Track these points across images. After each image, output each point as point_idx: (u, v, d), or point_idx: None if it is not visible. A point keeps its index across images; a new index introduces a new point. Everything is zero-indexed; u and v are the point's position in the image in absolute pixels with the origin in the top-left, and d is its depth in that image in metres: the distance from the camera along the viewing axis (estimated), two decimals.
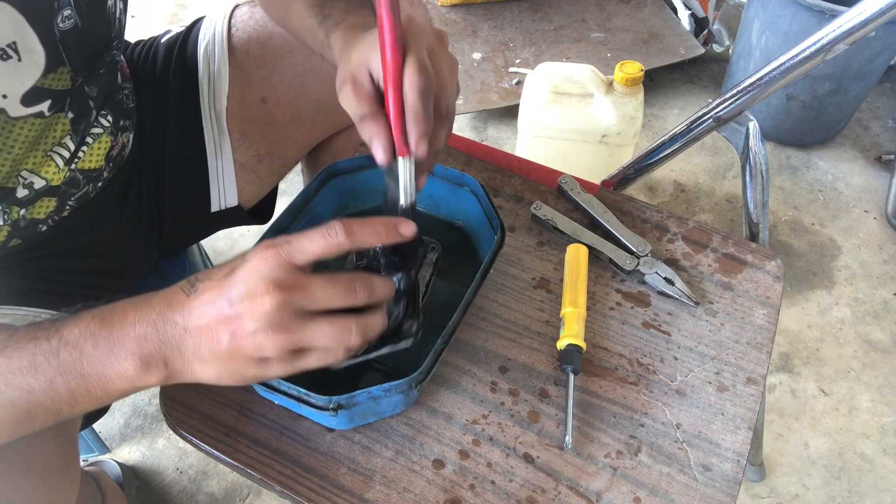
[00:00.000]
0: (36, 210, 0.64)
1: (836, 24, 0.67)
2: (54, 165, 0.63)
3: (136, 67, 0.80)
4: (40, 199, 0.64)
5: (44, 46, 0.55)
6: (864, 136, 1.70)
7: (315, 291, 0.44)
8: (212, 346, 0.43)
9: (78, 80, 0.61)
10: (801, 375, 1.25)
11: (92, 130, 0.66)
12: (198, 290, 0.44)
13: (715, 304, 0.67)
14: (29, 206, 0.63)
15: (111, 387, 0.45)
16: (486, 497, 0.54)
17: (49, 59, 0.56)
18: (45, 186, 0.63)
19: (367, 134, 0.49)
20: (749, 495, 1.10)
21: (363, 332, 0.45)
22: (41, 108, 0.58)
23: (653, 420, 0.59)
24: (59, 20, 0.56)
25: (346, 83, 0.50)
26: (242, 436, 0.57)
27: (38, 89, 0.56)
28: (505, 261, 0.70)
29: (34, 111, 0.57)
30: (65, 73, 0.58)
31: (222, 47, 0.79)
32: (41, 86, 0.56)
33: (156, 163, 0.79)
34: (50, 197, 0.64)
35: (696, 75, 1.83)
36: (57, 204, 0.65)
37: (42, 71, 0.56)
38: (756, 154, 0.80)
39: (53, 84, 0.58)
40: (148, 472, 1.11)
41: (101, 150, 0.68)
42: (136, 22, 1.98)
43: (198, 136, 0.80)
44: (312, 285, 0.44)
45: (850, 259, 1.44)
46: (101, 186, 0.70)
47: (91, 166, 0.67)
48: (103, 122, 0.68)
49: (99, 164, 0.68)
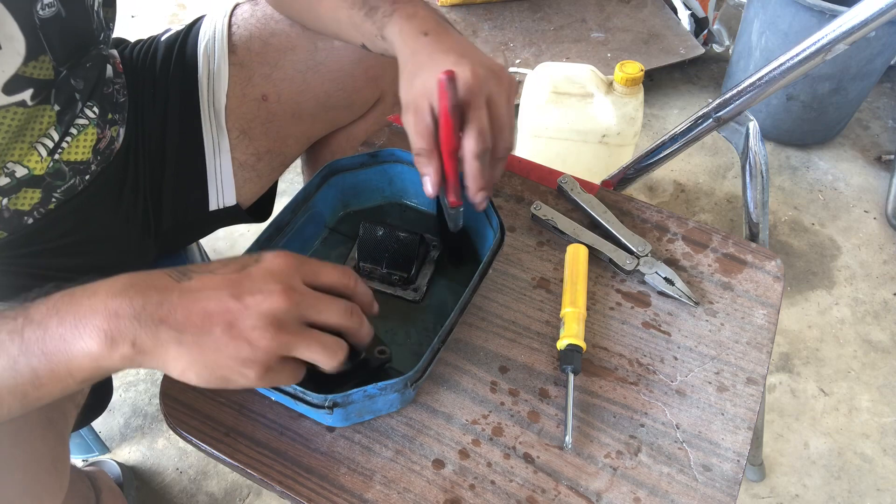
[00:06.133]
0: (20, 201, 0.64)
1: (836, 24, 0.67)
2: (37, 155, 0.62)
3: (135, 66, 0.80)
4: (23, 189, 0.63)
5: (23, 33, 0.55)
6: (864, 136, 1.70)
7: (322, 305, 0.46)
8: (199, 333, 0.42)
9: (62, 72, 0.61)
10: (801, 375, 1.25)
11: (76, 121, 0.66)
12: (193, 277, 0.43)
13: (715, 304, 0.67)
14: (11, 196, 0.63)
15: (74, 365, 0.42)
16: (486, 497, 0.54)
17: (29, 46, 0.56)
18: (28, 176, 0.63)
19: (421, 169, 0.55)
20: (749, 495, 1.10)
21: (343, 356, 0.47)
22: (23, 96, 0.58)
23: (653, 420, 0.59)
24: (39, 7, 0.56)
25: (409, 112, 0.55)
26: (242, 436, 0.57)
27: (20, 77, 0.56)
28: (505, 261, 0.70)
29: (16, 100, 0.57)
30: (46, 62, 0.59)
31: (222, 45, 0.79)
32: (22, 74, 0.57)
33: (153, 161, 0.79)
34: (33, 188, 0.64)
35: (696, 75, 1.83)
36: (42, 196, 0.65)
37: (23, 59, 0.56)
38: (756, 154, 0.80)
39: (35, 73, 0.58)
40: (148, 472, 1.11)
41: (87, 143, 0.68)
42: (137, 22, 1.98)
43: (196, 134, 0.80)
44: (321, 299, 0.46)
45: (850, 259, 1.44)
46: (90, 180, 0.70)
47: (77, 158, 0.67)
48: (88, 113, 0.67)
49: (86, 156, 0.68)
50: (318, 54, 0.80)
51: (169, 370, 0.43)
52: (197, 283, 0.43)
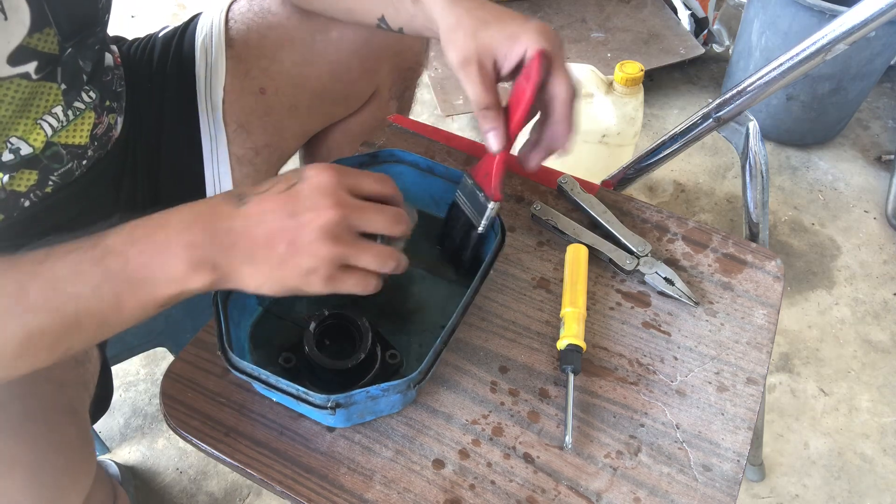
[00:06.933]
0: (16, 181, 0.64)
1: (836, 24, 0.67)
2: (43, 134, 0.63)
3: (132, 62, 0.80)
4: (20, 169, 0.63)
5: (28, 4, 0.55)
6: (864, 136, 1.70)
7: (370, 214, 0.49)
8: (267, 252, 0.46)
9: (67, 49, 0.61)
10: (801, 375, 1.25)
11: (74, 104, 0.66)
12: (249, 201, 0.47)
13: (715, 304, 0.67)
14: (12, 174, 0.63)
15: (158, 292, 0.46)
16: (486, 497, 0.54)
17: (34, 17, 0.56)
18: (31, 154, 0.63)
19: (488, 125, 0.55)
20: (749, 495, 1.10)
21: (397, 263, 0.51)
22: (27, 68, 0.58)
23: (653, 420, 0.59)
24: None
25: (471, 65, 0.54)
26: (242, 436, 0.57)
27: (24, 48, 0.56)
28: (505, 261, 0.70)
29: (21, 71, 0.57)
30: (51, 35, 0.59)
31: (220, 40, 0.79)
32: (27, 45, 0.56)
33: (151, 155, 0.79)
34: (31, 169, 0.64)
35: (696, 75, 1.83)
36: (38, 178, 0.65)
37: (27, 29, 0.56)
38: (756, 154, 0.80)
39: (39, 45, 0.58)
40: (148, 472, 1.11)
41: (84, 126, 0.68)
42: (137, 22, 1.98)
43: (194, 129, 0.80)
44: (368, 208, 0.49)
45: (850, 259, 1.44)
46: (87, 166, 0.70)
47: (74, 142, 0.67)
48: (85, 97, 0.68)
49: (83, 140, 0.68)
50: (315, 47, 0.80)
51: (245, 287, 0.48)
52: (255, 208, 0.47)
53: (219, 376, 0.60)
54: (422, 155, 0.68)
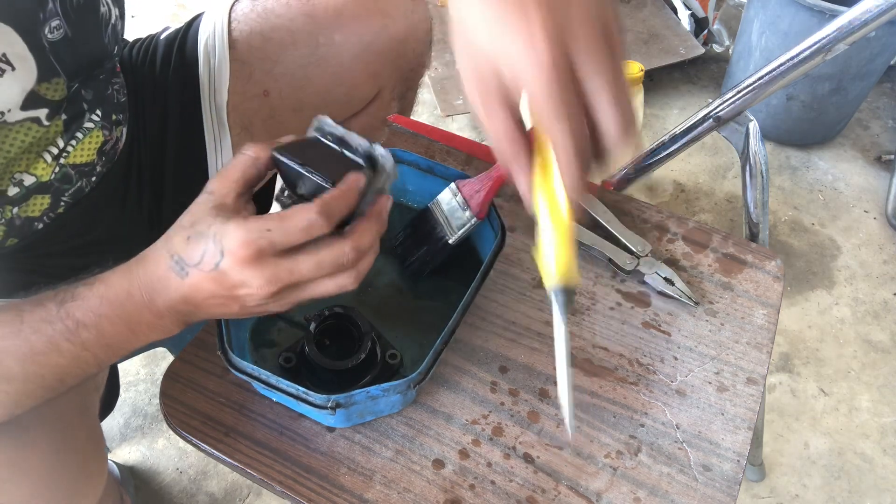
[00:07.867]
0: (30, 208, 0.64)
1: (836, 24, 0.67)
2: (43, 162, 0.63)
3: (134, 65, 0.80)
4: (32, 196, 0.63)
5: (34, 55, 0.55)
6: (864, 136, 1.70)
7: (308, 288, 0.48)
8: (225, 311, 0.49)
9: (73, 87, 0.61)
10: (801, 375, 1.25)
11: (83, 126, 0.66)
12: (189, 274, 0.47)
13: (715, 304, 0.67)
14: (22, 205, 0.63)
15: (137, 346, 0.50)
16: (486, 497, 0.54)
17: (41, 68, 0.56)
18: (36, 183, 0.63)
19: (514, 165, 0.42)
20: (749, 495, 1.10)
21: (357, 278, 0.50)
22: (38, 113, 0.58)
23: (653, 420, 0.59)
24: (47, 31, 0.56)
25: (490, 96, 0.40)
26: (242, 436, 0.57)
27: (35, 94, 0.57)
28: (505, 261, 0.70)
29: (31, 115, 0.58)
30: (60, 84, 0.59)
31: (223, 42, 0.79)
32: (37, 91, 0.57)
33: (155, 160, 0.79)
34: (43, 194, 0.64)
35: (696, 75, 1.83)
36: (51, 201, 0.65)
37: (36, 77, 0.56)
38: (756, 154, 0.80)
39: (48, 94, 0.58)
40: (148, 472, 1.11)
41: (92, 145, 0.68)
42: (137, 22, 1.98)
43: (198, 132, 0.80)
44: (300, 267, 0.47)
45: (850, 259, 1.44)
46: (96, 181, 0.70)
47: (82, 161, 0.67)
48: (93, 117, 0.68)
49: (90, 158, 0.68)
50: (318, 49, 0.80)
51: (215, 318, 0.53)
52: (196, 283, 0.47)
53: (219, 376, 0.60)
54: (422, 155, 0.68)
